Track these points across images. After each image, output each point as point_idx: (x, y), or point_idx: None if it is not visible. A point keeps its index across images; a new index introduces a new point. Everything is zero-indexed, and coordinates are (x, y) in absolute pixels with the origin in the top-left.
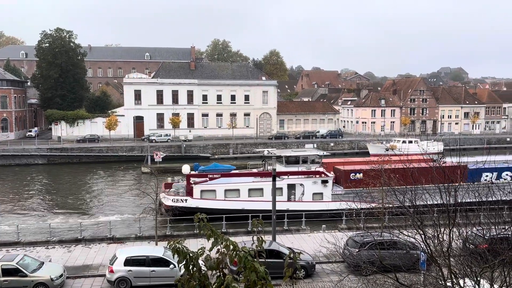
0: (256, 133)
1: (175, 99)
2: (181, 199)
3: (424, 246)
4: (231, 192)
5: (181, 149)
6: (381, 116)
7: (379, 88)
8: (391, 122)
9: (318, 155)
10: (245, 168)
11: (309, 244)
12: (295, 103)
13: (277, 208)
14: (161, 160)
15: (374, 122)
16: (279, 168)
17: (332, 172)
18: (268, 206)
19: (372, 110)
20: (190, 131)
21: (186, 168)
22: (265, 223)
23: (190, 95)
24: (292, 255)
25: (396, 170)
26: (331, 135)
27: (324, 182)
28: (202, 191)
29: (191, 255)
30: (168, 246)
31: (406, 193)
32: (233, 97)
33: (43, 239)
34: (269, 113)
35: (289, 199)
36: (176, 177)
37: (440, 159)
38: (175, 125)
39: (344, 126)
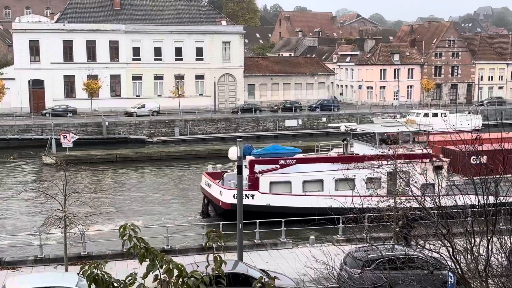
0: (214, 105)
1: (91, 54)
2: (245, 195)
3: (453, 264)
4: (312, 184)
5: (102, 130)
6: (394, 78)
7: (391, 38)
8: (408, 86)
9: (424, 130)
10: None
11: (291, 263)
12: (271, 59)
13: (376, 206)
14: (71, 145)
15: (384, 87)
16: (368, 150)
17: (441, 155)
18: (363, 203)
19: (381, 70)
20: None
21: (234, 152)
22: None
23: (114, 48)
24: (265, 280)
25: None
26: (322, 106)
27: (438, 168)
28: (271, 182)
29: (116, 285)
30: (82, 273)
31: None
32: (178, 51)
33: None
34: (233, 75)
35: (389, 193)
36: (217, 165)
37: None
38: (92, 92)
39: (341, 94)
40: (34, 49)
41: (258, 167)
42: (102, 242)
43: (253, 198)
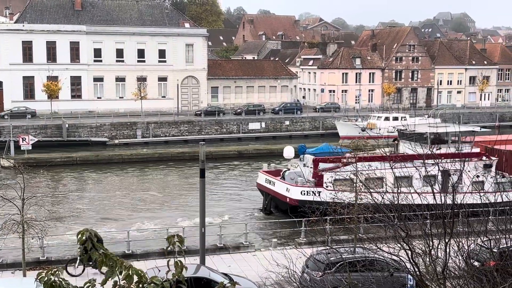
0: (177, 107)
1: (51, 56)
2: (312, 191)
3: (411, 266)
4: (373, 182)
5: (62, 132)
6: (356, 81)
7: (352, 42)
8: (369, 90)
9: (473, 131)
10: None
11: (254, 267)
12: (234, 62)
13: (433, 202)
14: (30, 148)
15: (345, 91)
16: (418, 149)
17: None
18: (420, 201)
19: (343, 74)
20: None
21: (289, 151)
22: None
23: (75, 49)
24: (227, 284)
25: None
26: (285, 109)
27: (487, 167)
28: (336, 180)
29: None
30: (39, 279)
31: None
32: (141, 53)
33: None
34: (196, 78)
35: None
36: (272, 164)
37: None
38: (52, 94)
39: (304, 97)
40: None
41: (322, 165)
42: (61, 247)
43: (319, 195)
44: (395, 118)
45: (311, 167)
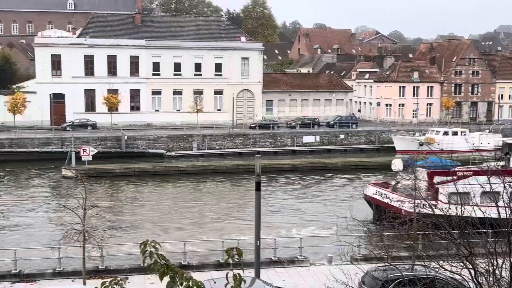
0: (232, 120)
1: (112, 69)
2: (427, 205)
3: (474, 286)
4: (489, 196)
5: (121, 143)
6: (414, 95)
7: (410, 55)
8: (427, 104)
9: None
10: None
11: (309, 282)
12: (289, 76)
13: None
14: (90, 159)
15: (403, 105)
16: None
17: None
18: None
19: (400, 87)
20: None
21: (398, 164)
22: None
23: (134, 63)
24: None
25: None
26: (340, 123)
27: None
28: (451, 193)
29: None
30: None
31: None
32: (198, 67)
33: None
34: (251, 91)
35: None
36: (378, 176)
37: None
38: (112, 106)
39: (359, 110)
40: (56, 64)
41: (437, 179)
42: (119, 256)
43: (435, 208)
44: (455, 133)
45: (424, 180)
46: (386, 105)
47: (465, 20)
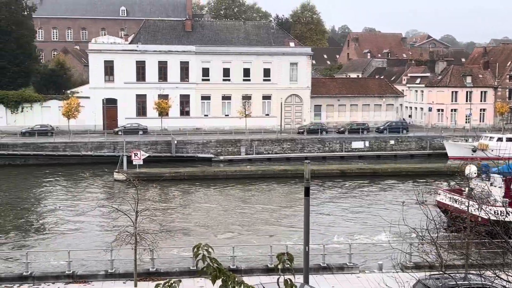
0: (280, 125)
1: (162, 75)
2: (506, 212)
3: None
4: None
5: (171, 148)
6: (466, 100)
7: (463, 60)
8: (480, 110)
9: None
10: None
11: None
12: (338, 81)
13: None
14: (141, 163)
15: (455, 110)
16: None
17: None
18: None
19: (452, 92)
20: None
21: (473, 170)
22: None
23: (184, 68)
24: None
25: None
26: (390, 128)
27: None
28: None
29: None
30: None
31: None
32: (246, 72)
33: None
34: (300, 96)
35: None
36: (451, 182)
37: None
38: (163, 111)
39: (410, 116)
40: (109, 69)
41: None
42: (170, 259)
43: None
44: (509, 139)
45: (500, 187)
46: (438, 110)
47: None
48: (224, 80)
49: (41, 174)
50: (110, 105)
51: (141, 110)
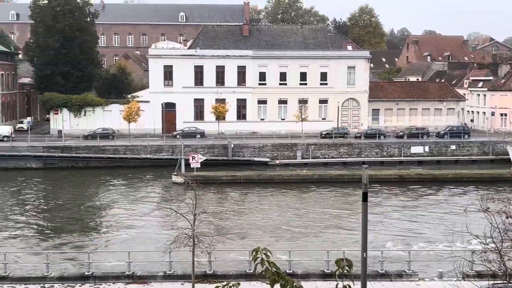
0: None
1: (220, 79)
2: None
3: None
4: None
5: (228, 151)
6: None
7: None
8: None
9: None
10: None
11: None
12: (397, 84)
13: None
14: (199, 166)
15: None
16: None
17: None
18: None
19: None
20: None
21: None
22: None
23: (241, 72)
24: None
25: None
26: (451, 133)
27: None
28: None
29: None
30: None
31: None
32: (303, 76)
33: (38, 273)
34: (357, 100)
35: None
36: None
37: None
38: (220, 115)
39: (472, 120)
40: (168, 74)
41: None
42: (227, 262)
43: None
44: None
45: None
46: (501, 114)
47: None
48: (280, 84)
49: (102, 176)
50: (169, 109)
51: (199, 114)
